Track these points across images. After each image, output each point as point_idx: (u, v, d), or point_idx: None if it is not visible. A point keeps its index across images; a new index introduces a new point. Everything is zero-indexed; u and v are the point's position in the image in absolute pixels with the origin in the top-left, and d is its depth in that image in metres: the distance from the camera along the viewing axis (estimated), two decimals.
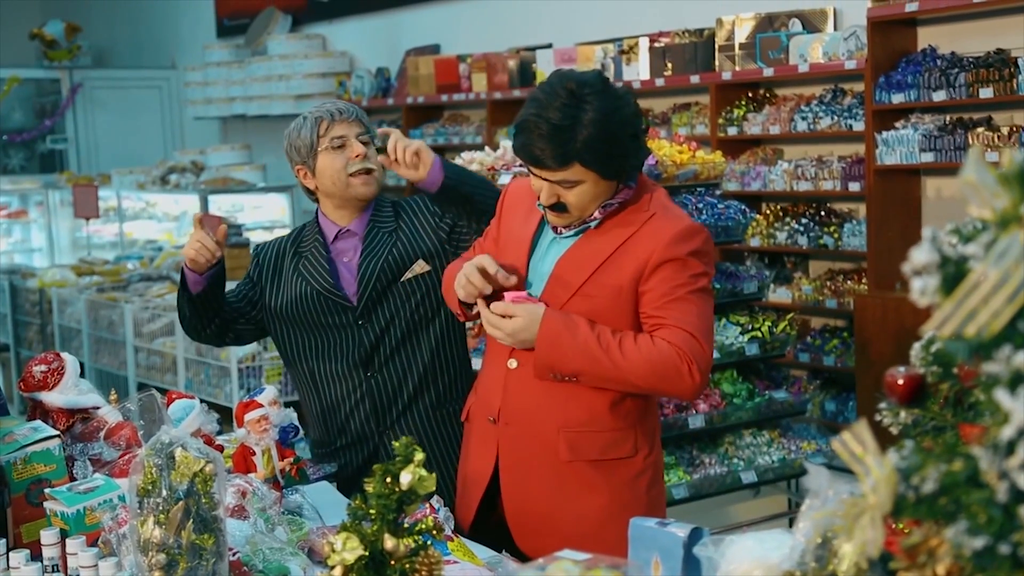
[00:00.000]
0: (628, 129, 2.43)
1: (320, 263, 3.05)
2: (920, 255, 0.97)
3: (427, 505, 2.28)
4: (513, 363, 2.59)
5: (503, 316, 2.49)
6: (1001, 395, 0.93)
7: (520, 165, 4.87)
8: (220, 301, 3.06)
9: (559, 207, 2.49)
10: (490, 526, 2.69)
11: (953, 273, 0.95)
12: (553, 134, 2.37)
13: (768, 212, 6.23)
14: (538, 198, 2.53)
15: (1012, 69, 4.97)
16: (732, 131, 6.30)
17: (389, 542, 1.57)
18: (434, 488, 1.62)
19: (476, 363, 3.14)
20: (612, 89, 2.45)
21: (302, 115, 3.11)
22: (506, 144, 5.09)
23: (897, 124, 5.49)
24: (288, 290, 3.07)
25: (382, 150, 2.83)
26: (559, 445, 2.55)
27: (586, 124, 2.36)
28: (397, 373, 3.01)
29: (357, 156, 2.97)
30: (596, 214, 2.52)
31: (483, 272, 2.52)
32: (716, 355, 4.39)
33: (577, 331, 2.45)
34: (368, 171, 2.99)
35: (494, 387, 2.66)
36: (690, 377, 2.43)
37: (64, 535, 2.12)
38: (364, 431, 3.03)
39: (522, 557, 2.44)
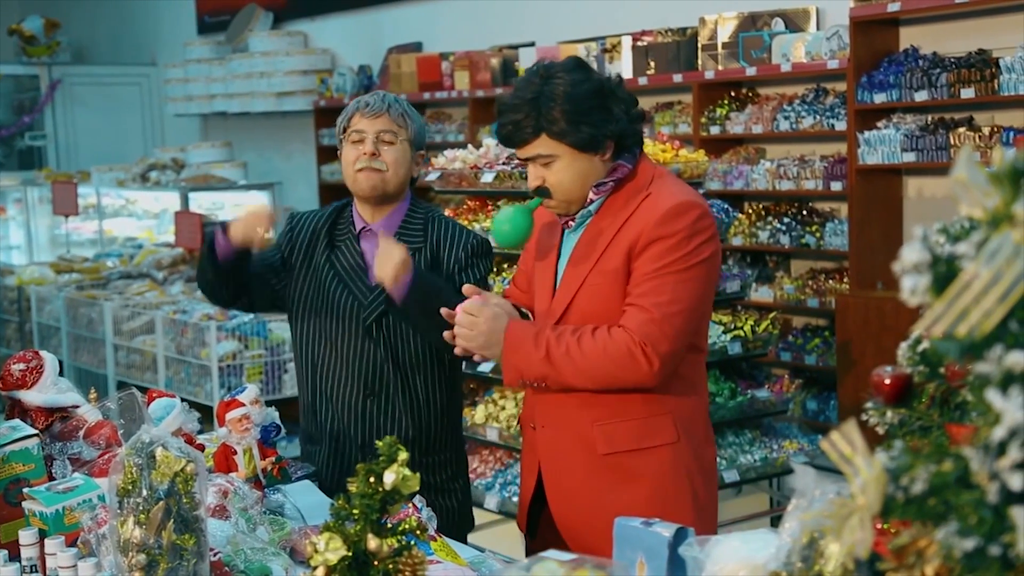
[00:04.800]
0: (594, 100, 2.47)
1: (354, 257, 2.98)
2: (911, 254, 0.97)
3: (410, 505, 2.26)
4: None
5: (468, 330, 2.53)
6: (992, 395, 0.92)
7: (502, 163, 4.86)
8: (245, 271, 2.96)
9: (544, 192, 2.53)
10: (549, 530, 2.70)
11: (944, 272, 0.95)
12: (521, 108, 2.47)
13: (750, 211, 6.23)
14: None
15: (993, 69, 4.98)
16: (715, 130, 6.30)
17: (372, 542, 1.56)
18: (418, 488, 1.60)
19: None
20: (584, 68, 2.52)
21: None
22: (489, 142, 5.08)
23: (879, 124, 5.50)
24: (317, 276, 3.00)
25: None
26: (595, 439, 2.55)
27: (551, 96, 2.45)
28: (395, 403, 2.95)
29: (365, 154, 2.89)
30: (592, 196, 2.54)
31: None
32: None
33: (540, 336, 2.47)
34: (374, 169, 2.90)
35: (530, 394, 2.70)
36: (645, 360, 2.39)
37: (43, 535, 2.10)
38: (345, 445, 3.00)
39: None
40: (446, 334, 2.58)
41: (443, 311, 2.57)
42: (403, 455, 1.58)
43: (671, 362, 2.44)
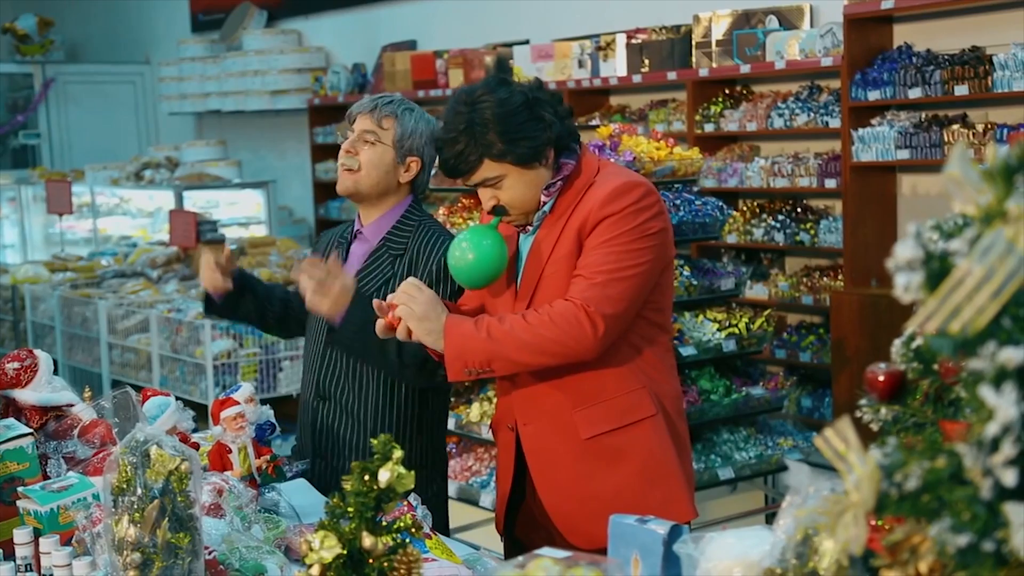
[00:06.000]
0: (524, 113, 2.50)
1: (339, 259, 2.98)
2: (904, 251, 0.97)
3: (405, 503, 2.26)
4: None
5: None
6: (986, 392, 0.92)
7: None
8: (254, 304, 3.10)
9: (500, 210, 2.56)
10: (530, 527, 2.70)
11: (937, 269, 0.95)
12: (457, 140, 2.50)
13: (745, 209, 6.24)
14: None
15: (987, 66, 4.99)
16: (709, 128, 6.30)
17: (367, 540, 1.56)
18: (412, 486, 1.60)
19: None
20: (506, 83, 2.56)
21: None
22: None
23: (873, 121, 5.51)
24: None
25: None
26: (577, 425, 2.56)
27: (481, 121, 2.48)
28: (344, 408, 2.93)
29: (346, 152, 2.91)
30: (543, 198, 2.56)
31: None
32: (693, 351, 4.39)
33: (480, 321, 2.47)
34: (348, 168, 2.89)
35: (503, 393, 2.71)
36: (588, 322, 2.39)
37: (37, 534, 2.10)
38: (306, 450, 3.02)
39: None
40: (379, 323, 2.53)
41: (375, 302, 2.56)
42: (398, 453, 1.58)
43: (615, 326, 2.45)
